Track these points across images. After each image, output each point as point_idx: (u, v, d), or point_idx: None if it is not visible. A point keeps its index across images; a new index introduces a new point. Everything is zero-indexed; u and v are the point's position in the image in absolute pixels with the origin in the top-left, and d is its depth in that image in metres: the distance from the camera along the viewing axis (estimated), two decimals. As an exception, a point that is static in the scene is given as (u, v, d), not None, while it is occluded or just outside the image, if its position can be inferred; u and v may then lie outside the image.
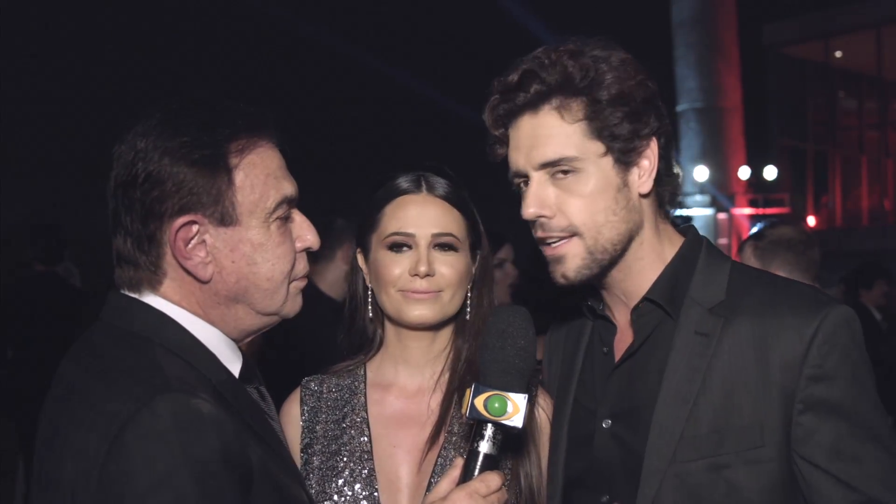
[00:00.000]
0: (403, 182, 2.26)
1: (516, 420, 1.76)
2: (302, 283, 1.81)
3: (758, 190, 21.97)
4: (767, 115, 25.64)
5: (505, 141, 2.02)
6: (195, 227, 1.64)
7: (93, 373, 1.59)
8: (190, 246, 1.65)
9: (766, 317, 1.88)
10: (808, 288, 2.04)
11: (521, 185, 2.00)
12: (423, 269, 2.18)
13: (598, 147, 1.92)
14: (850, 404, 1.83)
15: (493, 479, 1.76)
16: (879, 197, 25.52)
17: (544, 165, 1.94)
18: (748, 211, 21.50)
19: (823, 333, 1.83)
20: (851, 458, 1.82)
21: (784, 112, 26.07)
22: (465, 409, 1.78)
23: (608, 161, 1.93)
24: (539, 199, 1.95)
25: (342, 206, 5.17)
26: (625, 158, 1.93)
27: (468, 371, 2.25)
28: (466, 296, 2.30)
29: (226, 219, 1.66)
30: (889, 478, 1.82)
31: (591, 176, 1.92)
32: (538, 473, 2.20)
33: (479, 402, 1.76)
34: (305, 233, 1.79)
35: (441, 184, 2.26)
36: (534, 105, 1.94)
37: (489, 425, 1.77)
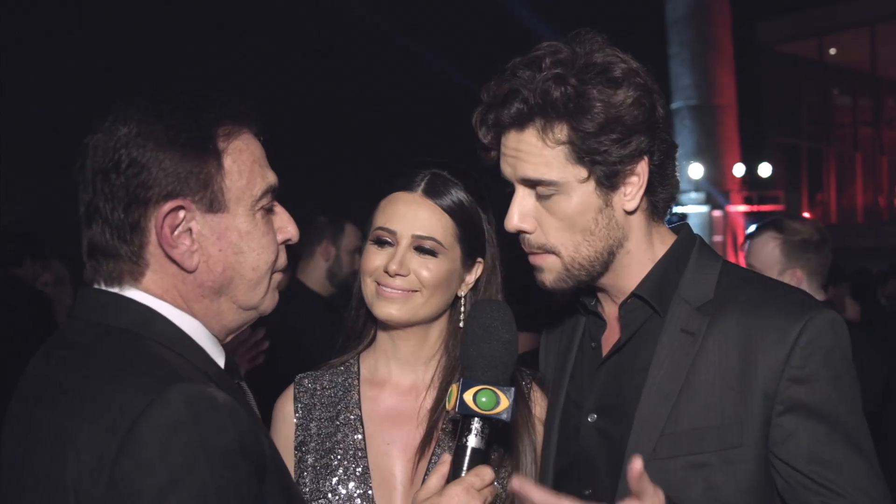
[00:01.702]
0: (405, 178, 2.25)
1: (505, 413, 1.77)
2: (280, 277, 1.78)
3: (752, 187, 22.00)
4: (762, 113, 25.66)
5: (495, 147, 2.01)
6: (182, 214, 1.59)
7: (84, 370, 1.53)
8: (176, 233, 1.59)
9: (751, 317, 1.88)
10: (796, 290, 2.04)
11: (510, 192, 2.01)
12: (393, 267, 2.18)
13: (581, 172, 1.89)
14: (829, 408, 1.84)
15: (487, 473, 1.76)
16: (874, 194, 25.57)
17: (526, 182, 1.94)
18: (743, 208, 21.53)
19: (807, 336, 1.83)
20: (828, 462, 1.82)
21: (778, 109, 26.10)
22: (454, 404, 1.78)
23: (590, 185, 1.91)
24: (520, 213, 1.96)
25: (326, 203, 5.20)
26: (608, 182, 1.90)
27: (460, 373, 2.24)
28: (459, 303, 2.30)
29: (214, 205, 1.61)
30: (864, 482, 1.83)
31: (572, 199, 1.91)
32: (533, 468, 2.21)
33: (469, 396, 1.76)
34: (287, 224, 1.76)
35: (443, 187, 2.24)
36: (519, 123, 1.92)
37: (476, 419, 1.78)
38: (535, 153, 1.90)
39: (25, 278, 7.35)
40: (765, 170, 21.63)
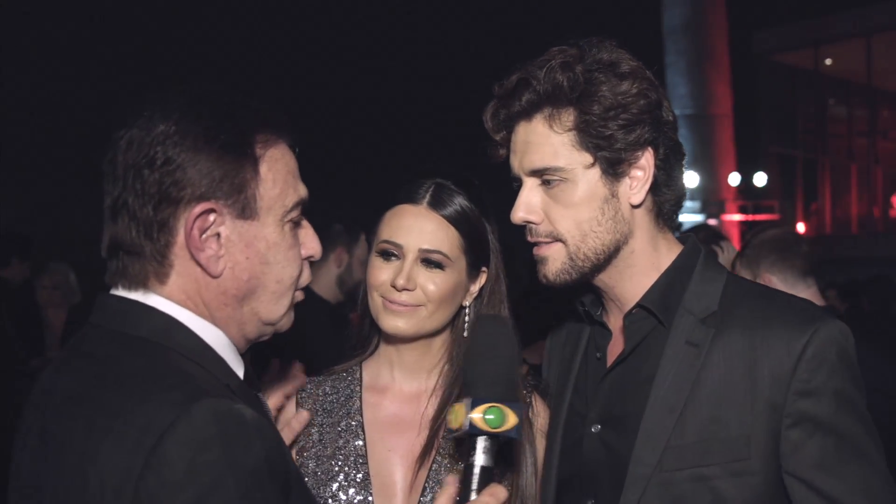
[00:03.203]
0: (410, 190, 2.24)
1: (514, 431, 1.73)
2: (300, 296, 1.73)
3: (748, 197, 22.07)
4: (757, 122, 25.75)
5: (505, 144, 2.05)
6: (212, 217, 1.54)
7: (104, 382, 1.47)
8: (204, 236, 1.55)
9: (756, 329, 1.88)
10: (802, 301, 2.03)
11: (517, 187, 2.03)
12: (400, 282, 2.17)
13: (586, 158, 1.92)
14: (836, 420, 1.83)
15: (501, 492, 1.71)
16: (868, 204, 25.64)
17: (534, 172, 1.97)
18: (738, 217, 21.60)
19: (813, 348, 1.83)
20: (837, 474, 1.82)
21: (774, 119, 26.20)
22: (461, 423, 1.74)
23: (595, 172, 1.93)
24: (527, 204, 1.98)
25: (340, 210, 5.23)
26: (613, 170, 1.93)
27: (462, 391, 2.25)
28: (463, 312, 2.30)
29: (246, 211, 1.57)
30: (874, 494, 1.83)
31: (578, 186, 1.93)
32: (534, 482, 2.20)
33: (477, 415, 1.71)
34: (311, 241, 1.72)
35: (448, 197, 2.22)
36: (527, 113, 1.96)
37: (484, 438, 1.73)
38: (543, 141, 1.94)
39: (12, 279, 7.38)
40: (760, 179, 21.71)
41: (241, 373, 1.65)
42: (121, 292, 1.60)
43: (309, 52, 24.09)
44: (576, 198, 1.94)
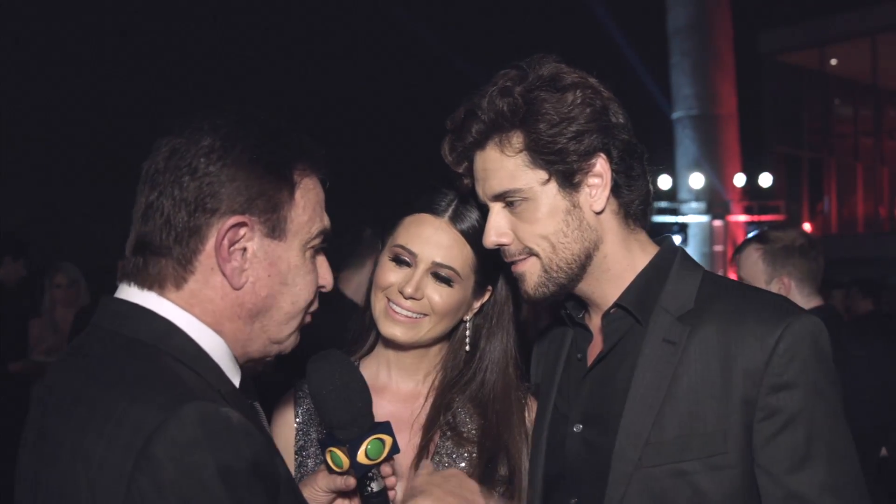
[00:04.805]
0: (433, 200, 2.26)
1: (394, 449, 1.85)
2: (308, 319, 1.79)
3: (753, 197, 22.00)
4: (763, 123, 25.73)
5: (468, 174, 2.09)
6: (243, 231, 1.62)
7: (101, 381, 1.52)
8: (231, 248, 1.62)
9: (731, 325, 1.91)
10: (775, 297, 2.05)
11: (487, 212, 2.08)
12: (408, 290, 2.20)
13: (541, 175, 1.96)
14: (807, 415, 1.84)
15: None
16: (874, 204, 25.60)
17: (496, 197, 2.02)
18: (744, 218, 21.53)
19: (785, 343, 1.85)
20: (805, 469, 1.83)
21: (779, 119, 26.17)
22: (347, 468, 1.81)
23: (553, 186, 1.97)
24: (496, 228, 2.03)
25: (366, 216, 5.28)
26: (570, 182, 1.96)
27: (461, 385, 2.29)
28: (463, 325, 2.32)
29: (276, 231, 1.65)
30: (839, 490, 1.83)
31: (539, 203, 1.97)
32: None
33: (362, 456, 1.80)
34: (326, 272, 1.79)
35: (469, 213, 2.25)
36: (479, 143, 2.02)
37: (374, 468, 1.83)
38: (498, 167, 1.99)
39: (6, 279, 7.42)
40: (765, 180, 21.63)
41: (236, 381, 1.69)
42: (130, 290, 1.65)
43: (305, 53, 24.10)
44: (539, 214, 1.98)
